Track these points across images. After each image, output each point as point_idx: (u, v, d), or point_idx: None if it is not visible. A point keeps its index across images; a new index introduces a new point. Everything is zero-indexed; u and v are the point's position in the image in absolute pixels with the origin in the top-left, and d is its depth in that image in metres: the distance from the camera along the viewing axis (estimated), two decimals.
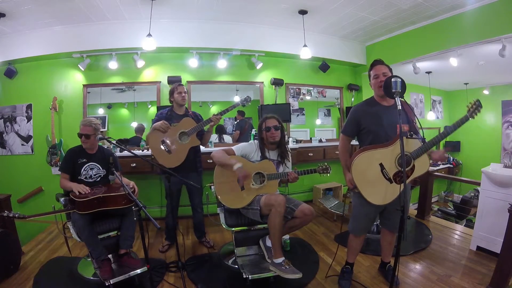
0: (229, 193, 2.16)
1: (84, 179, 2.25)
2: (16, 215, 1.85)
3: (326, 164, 2.22)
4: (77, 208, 1.98)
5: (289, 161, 2.33)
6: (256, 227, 2.29)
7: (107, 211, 2.08)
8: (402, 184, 1.71)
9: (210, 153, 2.31)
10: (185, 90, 2.65)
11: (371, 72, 1.91)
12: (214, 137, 4.01)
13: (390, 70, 1.89)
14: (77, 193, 2.03)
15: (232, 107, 2.64)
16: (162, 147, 2.53)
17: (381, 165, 1.76)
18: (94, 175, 2.29)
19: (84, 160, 2.27)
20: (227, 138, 4.18)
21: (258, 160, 2.23)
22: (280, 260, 1.93)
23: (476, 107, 1.65)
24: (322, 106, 4.84)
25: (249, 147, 2.28)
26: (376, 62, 1.90)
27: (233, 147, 2.27)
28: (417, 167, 1.77)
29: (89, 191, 2.09)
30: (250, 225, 2.26)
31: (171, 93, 2.64)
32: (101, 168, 2.32)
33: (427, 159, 1.79)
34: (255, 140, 2.34)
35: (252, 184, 2.16)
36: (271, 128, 2.21)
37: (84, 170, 2.26)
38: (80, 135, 2.25)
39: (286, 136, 4.09)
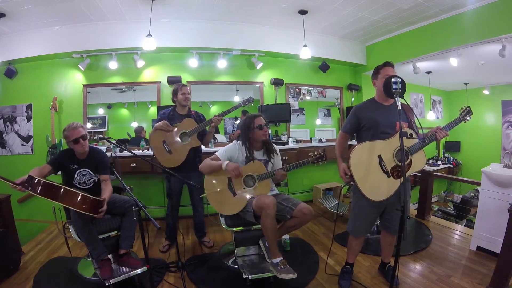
0: (223, 202, 2.15)
1: (78, 185, 2.20)
2: None
3: (320, 151, 2.10)
4: (33, 188, 1.81)
5: (277, 154, 2.32)
6: (256, 227, 2.29)
7: (107, 211, 2.07)
8: (400, 180, 1.73)
9: (212, 153, 2.31)
10: (189, 91, 2.65)
11: (380, 70, 1.88)
12: None
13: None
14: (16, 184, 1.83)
15: (234, 108, 2.63)
16: (163, 146, 2.54)
17: (379, 157, 1.77)
18: (88, 180, 2.24)
19: (75, 166, 2.19)
20: (220, 138, 4.15)
21: (243, 160, 2.21)
22: (277, 260, 1.94)
23: (467, 112, 1.79)
24: (322, 106, 4.84)
25: (232, 147, 2.25)
26: (390, 64, 1.89)
27: (216, 153, 2.24)
28: (414, 163, 1.80)
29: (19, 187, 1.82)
30: (249, 225, 2.26)
31: (175, 93, 2.64)
32: (92, 174, 2.25)
33: (424, 156, 1.83)
34: (237, 141, 2.29)
35: (244, 188, 2.16)
36: (264, 126, 2.19)
37: (77, 176, 2.20)
38: (76, 140, 2.09)
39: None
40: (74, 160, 2.20)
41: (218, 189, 2.16)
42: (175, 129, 2.56)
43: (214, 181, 2.19)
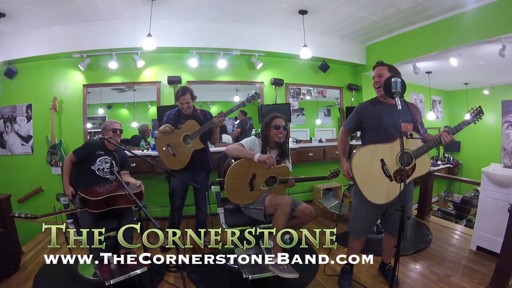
0: (237, 192, 2.16)
1: (96, 171, 2.32)
2: (29, 215, 1.84)
3: (336, 168, 2.24)
4: (89, 207, 1.99)
5: (289, 162, 2.34)
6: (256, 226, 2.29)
7: (107, 211, 2.07)
8: (403, 183, 1.72)
9: (217, 152, 2.32)
10: (188, 100, 2.55)
11: (373, 72, 1.94)
12: None
13: (391, 68, 1.90)
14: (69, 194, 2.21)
15: (237, 107, 2.62)
16: (167, 150, 2.56)
17: (382, 160, 1.76)
18: (106, 169, 2.35)
19: (102, 152, 2.36)
20: (226, 138, 4.17)
21: None
22: (279, 259, 1.94)
23: (477, 113, 1.72)
24: (322, 106, 4.84)
25: (253, 143, 2.27)
26: (377, 64, 1.93)
27: (242, 142, 2.27)
28: (418, 167, 1.78)
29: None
30: (250, 224, 2.25)
31: (176, 98, 2.61)
32: (114, 165, 2.32)
33: (428, 159, 1.81)
34: (257, 138, 2.33)
35: (263, 186, 2.18)
36: (281, 127, 2.21)
37: (99, 161, 2.34)
38: (115, 130, 2.41)
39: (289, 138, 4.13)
40: (103, 148, 2.40)
41: (240, 182, 2.16)
42: (179, 132, 2.54)
43: (239, 174, 2.14)
